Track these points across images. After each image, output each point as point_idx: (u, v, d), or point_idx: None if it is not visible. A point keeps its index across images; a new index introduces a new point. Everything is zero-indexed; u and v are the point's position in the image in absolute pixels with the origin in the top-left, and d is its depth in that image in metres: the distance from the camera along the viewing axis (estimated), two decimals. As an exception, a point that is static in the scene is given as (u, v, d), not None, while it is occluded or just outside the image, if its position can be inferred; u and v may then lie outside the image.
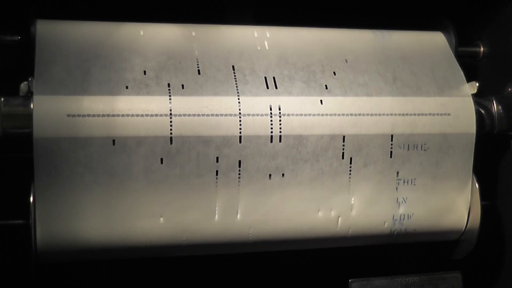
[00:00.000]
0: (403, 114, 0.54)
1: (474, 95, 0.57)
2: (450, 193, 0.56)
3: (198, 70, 0.52)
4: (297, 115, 0.52)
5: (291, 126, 0.52)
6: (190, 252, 0.54)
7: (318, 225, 0.54)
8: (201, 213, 0.51)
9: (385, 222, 0.55)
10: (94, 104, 0.49)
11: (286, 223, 0.53)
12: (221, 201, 0.52)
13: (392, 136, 0.54)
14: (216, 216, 0.52)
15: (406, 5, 0.65)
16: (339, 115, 0.53)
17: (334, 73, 0.55)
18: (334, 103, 0.53)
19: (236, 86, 0.52)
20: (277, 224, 0.53)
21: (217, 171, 0.51)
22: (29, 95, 0.49)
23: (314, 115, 0.53)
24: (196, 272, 0.65)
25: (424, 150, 0.55)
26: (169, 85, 0.51)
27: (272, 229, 0.53)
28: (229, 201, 0.52)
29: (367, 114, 0.54)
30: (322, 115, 0.53)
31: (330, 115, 0.53)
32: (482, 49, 0.63)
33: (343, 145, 0.53)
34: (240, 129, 0.51)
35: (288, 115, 0.52)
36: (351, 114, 0.53)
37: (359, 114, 0.53)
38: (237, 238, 0.53)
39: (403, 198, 0.55)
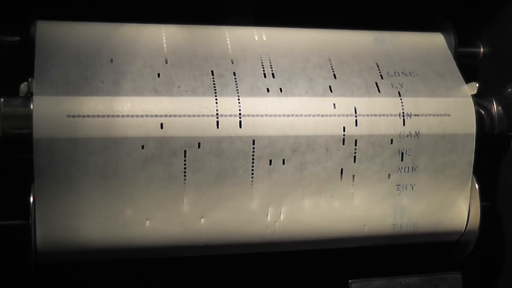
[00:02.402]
0: (402, 115, 0.54)
1: (474, 96, 0.57)
2: (450, 194, 0.56)
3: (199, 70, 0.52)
4: (297, 115, 0.52)
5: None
6: (196, 253, 0.54)
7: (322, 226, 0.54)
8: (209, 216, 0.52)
9: (385, 223, 0.55)
10: (94, 104, 0.49)
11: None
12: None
13: (391, 136, 0.54)
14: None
15: (406, 5, 0.65)
16: (339, 115, 0.53)
17: (334, 74, 0.55)
18: (334, 104, 0.53)
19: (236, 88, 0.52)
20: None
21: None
22: (29, 96, 0.49)
23: (314, 115, 0.53)
24: (196, 272, 0.65)
25: (424, 151, 0.55)
26: (169, 86, 0.51)
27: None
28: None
29: (367, 115, 0.54)
30: (324, 115, 0.53)
31: (330, 116, 0.53)
32: (482, 49, 0.63)
33: (343, 146, 0.53)
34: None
35: (296, 115, 0.52)
36: (351, 115, 0.53)
37: (359, 115, 0.53)
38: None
39: (403, 199, 0.55)
